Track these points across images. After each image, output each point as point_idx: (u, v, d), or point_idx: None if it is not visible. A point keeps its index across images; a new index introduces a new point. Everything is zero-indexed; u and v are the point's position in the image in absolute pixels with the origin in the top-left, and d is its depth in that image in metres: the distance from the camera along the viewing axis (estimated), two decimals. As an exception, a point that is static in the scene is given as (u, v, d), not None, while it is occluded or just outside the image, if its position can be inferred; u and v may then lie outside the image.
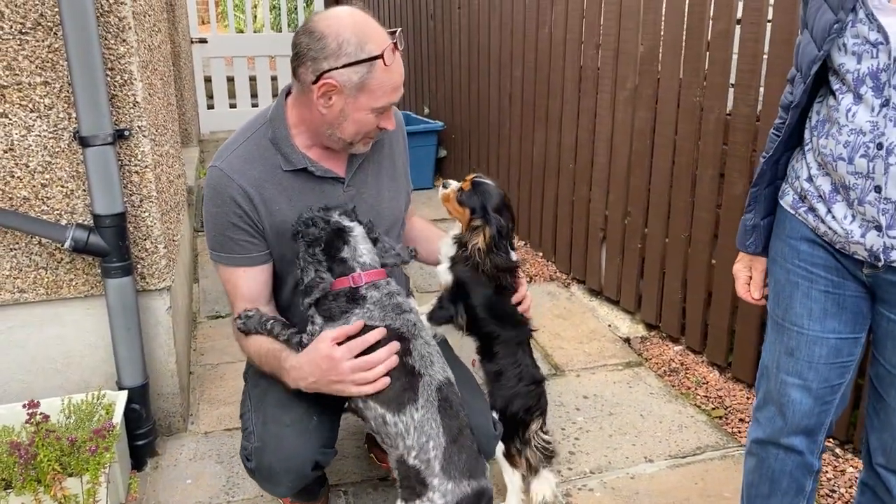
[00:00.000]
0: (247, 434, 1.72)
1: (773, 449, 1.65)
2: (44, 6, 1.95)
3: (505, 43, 4.23)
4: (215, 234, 1.76)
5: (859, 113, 1.33)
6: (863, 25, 1.30)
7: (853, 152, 1.34)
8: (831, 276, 1.48)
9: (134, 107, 2.11)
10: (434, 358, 1.62)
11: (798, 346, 1.54)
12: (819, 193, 1.44)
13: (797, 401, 1.56)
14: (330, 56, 1.59)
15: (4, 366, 2.20)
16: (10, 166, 2.03)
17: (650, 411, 2.66)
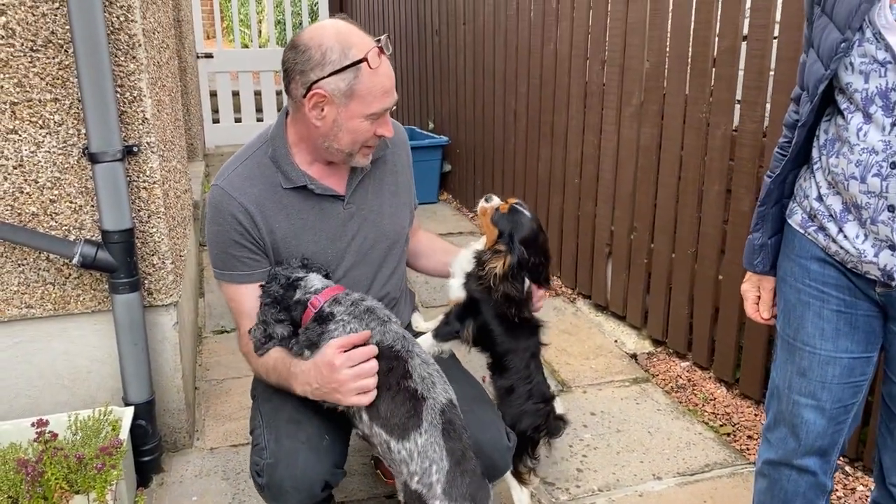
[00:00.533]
0: (258, 450, 1.71)
1: (785, 470, 1.63)
2: (55, 24, 1.96)
3: (510, 59, 4.25)
4: (218, 252, 1.78)
5: (870, 132, 1.32)
6: (870, 44, 1.30)
7: (866, 171, 1.33)
8: (843, 296, 1.47)
9: (143, 123, 2.12)
10: (435, 378, 1.60)
11: (811, 367, 1.53)
12: (829, 213, 1.43)
13: (811, 421, 1.55)
14: (315, 66, 1.61)
15: (12, 381, 2.20)
16: (19, 182, 2.04)
17: (658, 428, 2.64)
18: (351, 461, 2.35)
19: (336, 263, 1.83)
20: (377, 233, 1.87)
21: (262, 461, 1.67)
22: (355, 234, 1.84)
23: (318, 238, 1.79)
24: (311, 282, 1.70)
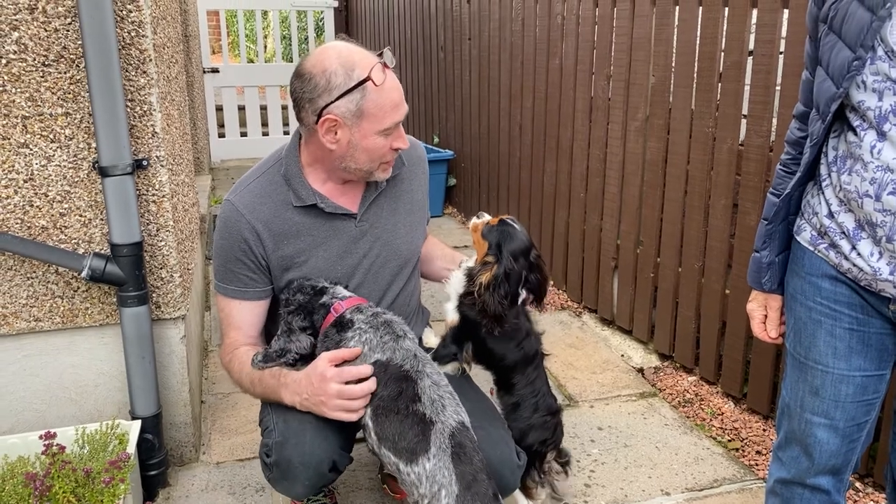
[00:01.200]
0: (267, 432, 1.74)
1: (798, 489, 1.61)
2: (67, 39, 1.98)
3: (515, 73, 4.27)
4: (220, 264, 1.83)
5: (885, 150, 1.31)
6: (883, 63, 1.29)
7: (880, 189, 1.32)
8: (855, 314, 1.45)
9: (153, 137, 2.13)
10: (446, 400, 1.59)
11: (823, 385, 1.51)
12: (842, 230, 1.42)
13: (824, 441, 1.53)
14: (323, 93, 1.63)
15: (19, 394, 2.20)
16: (29, 196, 2.05)
17: (665, 443, 2.63)
18: (358, 475, 2.35)
19: (345, 280, 1.84)
20: (389, 251, 1.88)
21: (271, 441, 1.70)
22: (366, 252, 1.85)
23: (328, 255, 1.80)
24: (339, 290, 1.75)
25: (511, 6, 4.24)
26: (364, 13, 7.08)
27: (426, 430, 1.53)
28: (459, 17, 4.99)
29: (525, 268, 1.88)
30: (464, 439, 1.55)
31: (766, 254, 1.61)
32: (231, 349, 1.82)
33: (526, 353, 2.01)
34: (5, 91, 1.96)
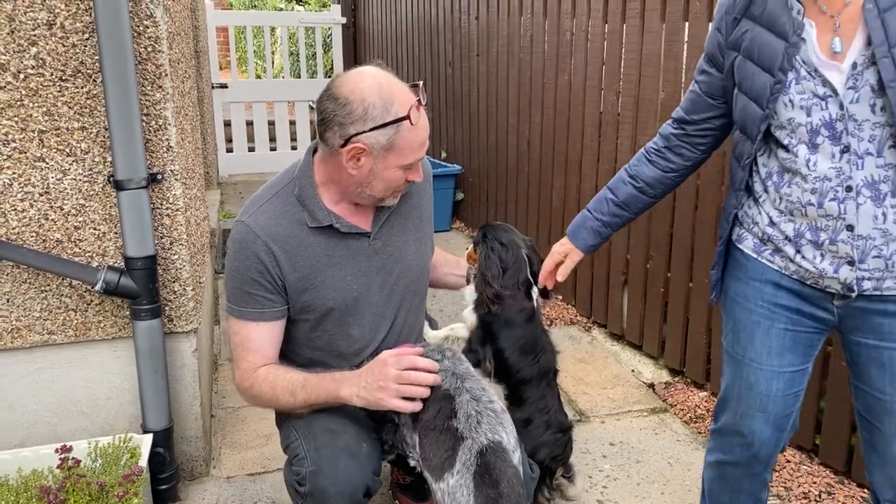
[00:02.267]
0: (297, 460, 1.71)
1: (731, 470, 1.77)
2: (84, 54, 2.00)
3: (524, 89, 4.29)
4: (234, 286, 1.78)
5: (819, 162, 1.43)
6: (808, 81, 1.41)
7: (822, 198, 1.44)
8: (791, 315, 1.59)
9: (167, 151, 2.14)
10: (483, 416, 1.56)
11: (758, 381, 1.64)
12: (785, 236, 1.53)
13: (758, 431, 1.67)
14: (357, 121, 1.61)
15: (31, 407, 2.20)
16: (44, 209, 2.06)
17: (678, 459, 2.61)
18: (369, 491, 2.33)
19: (361, 298, 1.83)
20: (402, 268, 1.88)
21: (303, 470, 1.67)
22: (380, 269, 1.85)
23: (343, 274, 1.80)
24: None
25: (519, 22, 4.27)
26: (372, 29, 7.14)
27: (455, 445, 1.51)
28: (468, 33, 5.03)
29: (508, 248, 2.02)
30: (493, 460, 1.49)
31: (596, 218, 1.88)
32: (250, 373, 1.77)
33: (541, 367, 2.03)
34: (23, 105, 1.98)
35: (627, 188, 1.85)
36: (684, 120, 1.75)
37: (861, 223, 1.41)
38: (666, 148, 1.79)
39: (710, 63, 1.64)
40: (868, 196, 1.40)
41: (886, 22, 1.31)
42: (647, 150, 1.83)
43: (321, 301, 1.80)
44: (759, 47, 1.47)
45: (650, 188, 1.83)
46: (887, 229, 1.41)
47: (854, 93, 1.38)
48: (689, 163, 1.78)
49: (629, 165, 1.85)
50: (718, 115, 1.69)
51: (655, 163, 1.81)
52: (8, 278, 2.08)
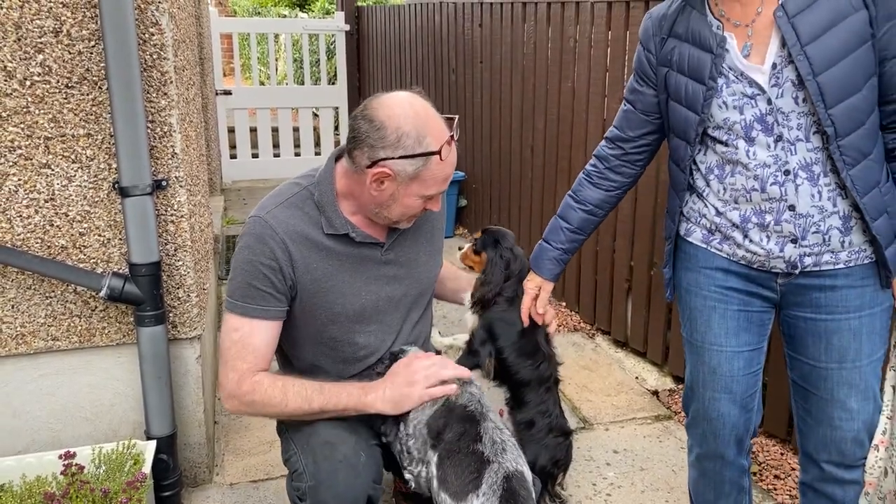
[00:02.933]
0: (297, 475, 1.71)
1: (709, 463, 1.84)
2: (90, 62, 2.01)
3: (527, 96, 4.30)
4: (241, 280, 1.74)
5: (758, 152, 1.58)
6: (737, 84, 1.58)
7: (764, 182, 1.59)
8: (742, 297, 1.71)
9: (172, 158, 2.15)
10: (507, 445, 1.59)
11: (720, 363, 1.74)
12: (732, 223, 1.66)
13: (726, 413, 1.75)
14: (388, 146, 1.62)
15: (35, 414, 2.20)
16: (50, 215, 2.07)
17: (682, 466, 2.60)
18: (372, 498, 2.33)
19: (369, 307, 1.84)
20: (411, 280, 1.89)
21: (303, 485, 1.67)
22: (390, 279, 1.85)
23: (354, 281, 1.80)
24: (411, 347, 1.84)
25: (523, 29, 4.28)
26: (376, 36, 7.15)
27: (482, 468, 1.52)
28: (471, 40, 5.04)
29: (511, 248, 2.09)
30: (518, 488, 1.51)
31: (555, 248, 1.96)
32: (249, 377, 1.71)
33: (540, 374, 2.05)
34: (29, 112, 1.99)
35: (578, 213, 1.95)
36: (621, 139, 1.87)
37: (801, 202, 1.57)
38: (607, 169, 1.91)
39: (641, 81, 1.79)
40: (805, 177, 1.56)
41: (796, 25, 1.50)
42: (587, 174, 1.94)
43: (329, 306, 1.79)
44: (689, 61, 1.64)
45: (598, 209, 1.95)
46: (823, 206, 1.57)
47: (778, 89, 1.54)
48: (628, 179, 1.92)
49: (573, 192, 1.97)
50: (652, 130, 1.84)
51: (598, 185, 1.92)
52: (13, 284, 2.08)
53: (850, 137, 1.53)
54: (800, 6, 1.50)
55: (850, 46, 1.49)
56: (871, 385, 1.65)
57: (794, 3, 1.51)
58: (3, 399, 2.16)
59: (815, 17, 1.49)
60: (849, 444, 1.67)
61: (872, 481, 1.65)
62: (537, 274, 2.00)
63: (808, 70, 1.49)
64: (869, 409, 1.65)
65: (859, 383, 1.64)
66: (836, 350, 1.64)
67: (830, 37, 1.49)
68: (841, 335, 1.63)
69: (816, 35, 1.49)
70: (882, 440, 1.65)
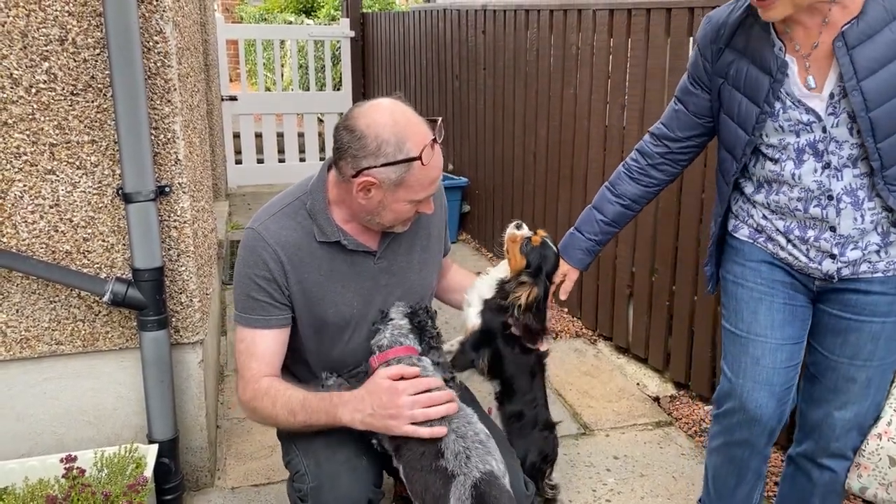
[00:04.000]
0: (299, 476, 1.72)
1: (738, 450, 1.86)
2: (95, 69, 2.04)
3: (529, 103, 4.32)
4: (241, 292, 1.80)
5: (804, 175, 1.61)
6: (793, 111, 1.59)
7: (807, 204, 1.63)
8: (787, 290, 1.74)
9: (175, 164, 2.17)
10: (471, 451, 1.57)
11: (763, 354, 1.76)
12: (776, 229, 1.71)
13: (764, 405, 1.77)
14: (369, 155, 1.63)
15: (38, 417, 2.22)
16: (54, 221, 2.09)
17: (682, 473, 2.61)
18: None
19: (361, 316, 1.85)
20: (404, 289, 1.89)
21: (304, 487, 1.68)
22: (382, 288, 1.86)
23: (346, 290, 1.82)
24: (384, 333, 1.73)
25: (526, 36, 4.30)
26: (380, 43, 7.19)
27: (447, 483, 1.52)
28: (475, 47, 5.06)
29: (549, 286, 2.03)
30: (489, 489, 1.51)
31: (588, 238, 2.00)
32: (253, 384, 1.76)
33: (529, 363, 2.07)
34: (34, 119, 2.02)
35: (614, 207, 1.97)
36: (668, 137, 1.87)
37: (843, 224, 1.60)
38: (648, 165, 1.92)
39: (696, 85, 1.78)
40: (849, 202, 1.59)
41: (854, 58, 1.49)
42: (627, 168, 1.95)
43: (321, 314, 1.81)
44: (746, 79, 1.64)
45: (636, 204, 1.97)
46: (864, 228, 1.60)
47: (834, 118, 1.56)
48: (669, 178, 1.94)
49: (611, 184, 1.98)
50: (703, 132, 1.84)
51: (638, 180, 1.94)
52: (18, 289, 2.10)
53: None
54: (860, 38, 1.48)
55: None
56: (875, 383, 1.70)
57: (853, 35, 1.49)
58: (7, 402, 2.18)
59: (874, 52, 1.48)
60: (836, 431, 1.74)
61: (868, 465, 1.73)
62: (566, 262, 2.04)
63: (862, 105, 1.50)
64: (865, 404, 1.71)
65: (863, 380, 1.69)
66: (851, 347, 1.68)
67: (886, 72, 1.48)
68: (860, 335, 1.67)
69: (874, 70, 1.48)
70: (886, 430, 1.71)
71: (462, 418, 1.64)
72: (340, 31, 7.39)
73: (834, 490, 1.81)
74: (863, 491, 1.77)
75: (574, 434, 2.85)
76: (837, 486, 1.80)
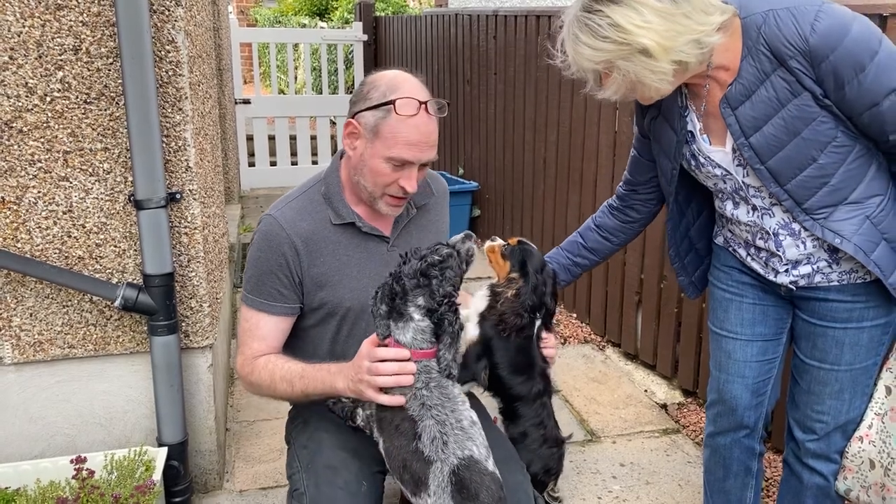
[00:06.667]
0: (297, 495, 1.74)
1: (721, 439, 1.98)
2: (108, 78, 2.07)
3: (540, 108, 4.33)
4: (252, 275, 1.84)
5: (740, 215, 1.73)
6: (706, 166, 1.71)
7: (753, 237, 1.74)
8: (757, 292, 1.84)
9: (186, 171, 2.20)
10: (448, 437, 1.55)
11: (734, 349, 1.89)
12: (739, 242, 1.82)
13: (739, 396, 1.90)
14: (360, 100, 1.73)
15: (51, 419, 2.25)
16: (67, 227, 2.13)
17: (688, 481, 2.60)
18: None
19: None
20: None
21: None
22: None
23: (361, 276, 1.85)
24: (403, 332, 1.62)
25: (536, 42, 4.31)
26: (392, 47, 7.22)
27: (425, 468, 1.53)
28: (486, 52, 5.08)
29: (546, 284, 2.01)
30: (469, 474, 1.51)
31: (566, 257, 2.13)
32: (251, 360, 1.82)
33: (530, 389, 2.03)
34: (49, 127, 2.05)
35: (594, 235, 2.10)
36: (632, 182, 2.00)
37: (787, 252, 1.69)
38: (623, 206, 2.05)
39: (640, 132, 1.89)
40: (786, 234, 1.67)
41: (738, 118, 1.57)
42: (609, 205, 2.09)
43: (338, 300, 1.84)
44: (662, 135, 1.76)
45: (613, 237, 2.09)
46: (810, 253, 1.67)
47: (742, 169, 1.65)
48: (644, 216, 2.05)
49: (594, 217, 2.12)
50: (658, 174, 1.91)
51: (616, 216, 2.07)
52: (31, 293, 2.14)
53: (814, 199, 1.59)
54: (739, 99, 1.56)
55: (796, 129, 1.52)
56: (847, 388, 1.74)
57: (734, 96, 1.56)
58: (20, 404, 2.22)
59: (753, 110, 1.55)
60: (817, 433, 1.80)
61: (852, 467, 1.77)
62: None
63: (755, 159, 1.58)
64: (841, 408, 1.76)
65: (834, 385, 1.75)
66: (819, 351, 1.75)
67: (772, 126, 1.54)
68: (825, 339, 1.73)
69: (758, 126, 1.55)
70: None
71: (446, 406, 1.59)
72: (353, 34, 7.43)
73: (827, 495, 1.83)
74: (847, 493, 1.81)
75: (580, 441, 2.85)
76: (830, 491, 1.82)
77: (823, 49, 1.45)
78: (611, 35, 1.44)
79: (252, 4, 13.48)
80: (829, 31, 1.44)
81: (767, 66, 1.51)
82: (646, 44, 1.43)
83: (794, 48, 1.47)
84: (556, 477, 2.14)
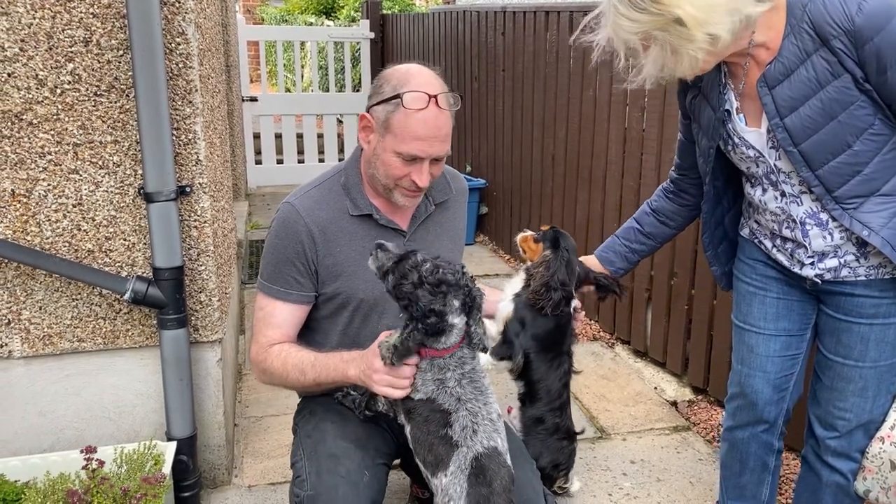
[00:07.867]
0: (299, 482, 1.73)
1: (739, 433, 1.98)
2: (118, 70, 2.06)
3: (549, 104, 4.31)
4: (268, 262, 1.85)
5: (768, 201, 1.72)
6: (740, 147, 1.70)
7: (779, 226, 1.73)
8: (781, 286, 1.83)
9: (196, 164, 2.19)
10: (479, 427, 1.57)
11: (757, 343, 1.88)
12: (765, 233, 1.81)
13: (760, 390, 1.90)
14: (375, 94, 1.75)
15: (60, 413, 2.25)
16: (77, 220, 2.12)
17: (699, 478, 2.58)
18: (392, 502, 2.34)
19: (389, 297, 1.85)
20: None
21: (302, 493, 1.69)
22: None
23: None
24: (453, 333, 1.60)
25: (545, 38, 4.29)
26: (400, 44, 7.21)
27: (450, 451, 1.56)
28: (494, 49, 5.06)
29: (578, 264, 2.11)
30: (489, 464, 1.54)
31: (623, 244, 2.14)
32: (266, 347, 1.82)
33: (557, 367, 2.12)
34: (59, 119, 2.05)
35: (650, 219, 2.10)
36: (681, 165, 2.01)
37: (814, 244, 1.67)
38: (676, 189, 2.05)
39: (683, 113, 1.90)
40: (813, 223, 1.66)
41: (775, 97, 1.56)
42: (663, 188, 2.09)
43: (352, 290, 1.84)
44: (702, 114, 1.75)
45: (671, 220, 2.09)
46: (837, 244, 1.66)
47: (775, 152, 1.63)
48: (698, 198, 1.99)
49: (650, 201, 2.12)
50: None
51: (672, 199, 2.07)
52: (41, 286, 2.14)
53: (846, 188, 1.57)
54: (778, 78, 1.55)
55: (833, 112, 1.51)
56: (872, 385, 1.71)
57: (772, 75, 1.56)
58: (29, 398, 2.22)
59: (791, 90, 1.54)
60: (838, 430, 1.77)
61: (872, 468, 1.74)
62: (600, 264, 2.17)
63: (789, 141, 1.57)
64: (865, 406, 1.73)
65: (858, 382, 1.72)
66: (843, 347, 1.73)
67: (808, 108, 1.53)
68: (850, 335, 1.71)
69: (794, 107, 1.54)
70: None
71: (479, 399, 1.62)
72: (360, 32, 7.42)
73: (847, 494, 1.81)
74: (866, 493, 1.78)
75: (591, 438, 2.84)
76: (849, 490, 1.80)
77: (869, 30, 1.44)
78: (648, 6, 1.47)
79: (258, 3, 13.48)
80: (875, 13, 1.43)
81: (809, 46, 1.50)
82: (679, 14, 1.44)
83: (839, 27, 1.46)
84: (566, 472, 2.13)
